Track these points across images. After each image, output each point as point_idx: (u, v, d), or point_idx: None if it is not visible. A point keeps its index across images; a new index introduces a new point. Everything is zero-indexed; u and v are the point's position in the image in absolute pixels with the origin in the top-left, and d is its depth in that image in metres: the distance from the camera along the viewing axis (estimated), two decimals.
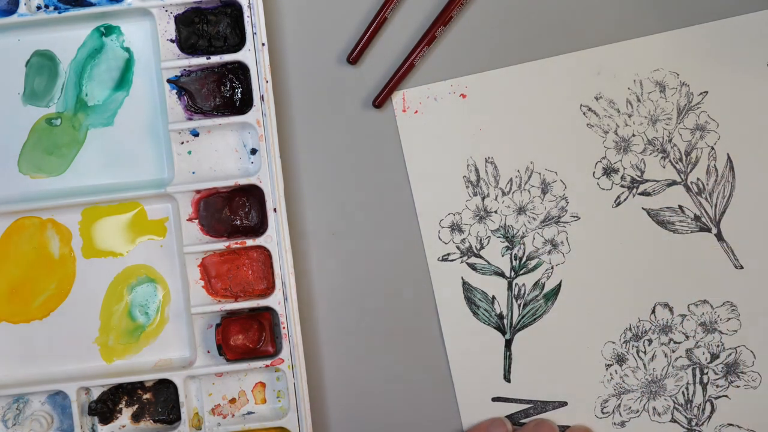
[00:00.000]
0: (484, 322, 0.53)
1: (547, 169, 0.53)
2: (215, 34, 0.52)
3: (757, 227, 0.53)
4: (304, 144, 0.53)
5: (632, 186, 0.53)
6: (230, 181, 0.51)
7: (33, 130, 0.53)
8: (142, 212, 0.53)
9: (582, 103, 0.53)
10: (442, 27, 0.52)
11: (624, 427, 0.52)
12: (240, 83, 0.52)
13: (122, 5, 0.52)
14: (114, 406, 0.52)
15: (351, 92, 0.53)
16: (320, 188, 0.53)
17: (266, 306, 0.51)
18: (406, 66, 0.53)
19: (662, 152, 0.53)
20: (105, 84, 0.53)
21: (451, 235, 0.53)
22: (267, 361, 0.51)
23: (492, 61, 0.53)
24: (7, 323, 0.53)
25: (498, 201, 0.53)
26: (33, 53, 0.53)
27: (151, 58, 0.53)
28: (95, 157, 0.53)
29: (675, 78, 0.53)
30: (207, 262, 0.52)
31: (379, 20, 0.53)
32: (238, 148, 0.52)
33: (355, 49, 0.53)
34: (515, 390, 0.53)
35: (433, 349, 0.53)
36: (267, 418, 0.52)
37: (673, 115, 0.53)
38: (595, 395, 0.52)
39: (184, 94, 0.52)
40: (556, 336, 0.53)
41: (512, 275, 0.53)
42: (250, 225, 0.52)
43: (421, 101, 0.53)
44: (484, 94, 0.53)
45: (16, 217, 0.53)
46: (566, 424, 0.52)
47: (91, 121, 0.53)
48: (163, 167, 0.53)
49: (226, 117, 0.51)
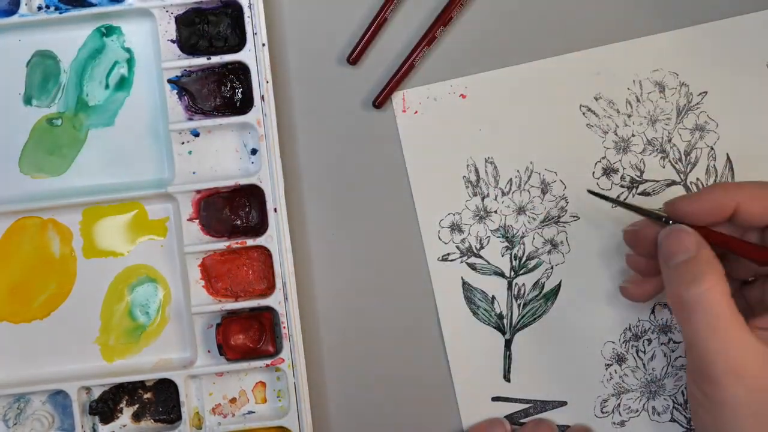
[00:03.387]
0: (484, 322, 0.53)
1: (546, 169, 0.53)
2: (216, 35, 0.52)
3: None
4: (304, 144, 0.53)
5: (632, 186, 0.53)
6: (231, 181, 0.51)
7: (34, 130, 0.53)
8: (142, 212, 0.53)
9: (582, 104, 0.53)
10: (442, 27, 0.52)
11: (624, 426, 0.52)
12: (240, 83, 0.52)
13: (123, 5, 0.52)
14: (115, 405, 0.53)
15: (351, 92, 0.53)
16: (320, 188, 0.53)
17: (266, 306, 0.51)
18: (406, 66, 0.53)
19: (662, 152, 0.53)
20: (105, 84, 0.53)
21: (451, 235, 0.53)
22: (267, 361, 0.51)
23: (492, 61, 0.53)
24: (7, 323, 0.53)
25: (498, 201, 0.53)
26: (34, 53, 0.53)
27: (152, 58, 0.53)
28: (96, 157, 0.53)
29: (674, 78, 0.53)
30: (207, 261, 0.52)
31: (379, 20, 0.53)
32: (239, 148, 0.52)
33: (355, 50, 0.53)
34: (515, 390, 0.53)
35: (433, 349, 0.53)
36: (267, 417, 0.52)
37: (673, 116, 0.53)
38: (595, 395, 0.53)
39: (184, 94, 0.52)
40: (556, 336, 0.53)
41: (512, 275, 0.53)
42: (250, 225, 0.52)
43: (421, 101, 0.53)
44: (483, 94, 0.53)
45: (17, 217, 0.53)
46: (566, 424, 0.52)
47: (91, 121, 0.53)
48: (163, 167, 0.53)
49: (226, 117, 0.52)
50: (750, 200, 0.44)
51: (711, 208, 0.44)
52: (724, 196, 0.44)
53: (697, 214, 0.44)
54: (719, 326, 0.42)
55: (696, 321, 0.43)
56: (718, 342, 0.42)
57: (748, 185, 0.44)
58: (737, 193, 0.44)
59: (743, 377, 0.42)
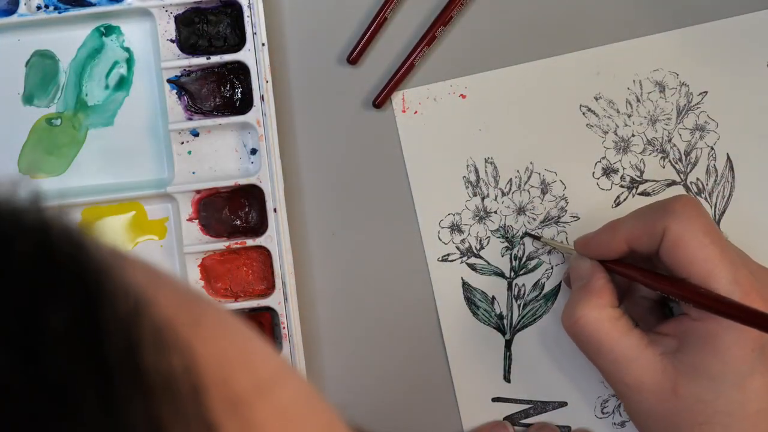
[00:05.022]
0: (484, 322, 0.53)
1: (546, 169, 0.53)
2: (215, 34, 0.52)
3: (756, 227, 0.53)
4: (304, 144, 0.53)
5: (632, 186, 0.53)
6: (230, 181, 0.51)
7: (33, 130, 0.53)
8: (142, 212, 0.53)
9: (581, 104, 0.53)
10: (442, 27, 0.52)
11: (624, 427, 0.52)
12: (240, 83, 0.52)
13: (122, 5, 0.52)
14: None
15: (351, 92, 0.53)
16: (320, 188, 0.53)
17: (266, 306, 0.51)
18: (406, 66, 0.53)
19: (662, 152, 0.53)
20: (105, 84, 0.53)
21: (450, 235, 0.53)
22: None
23: (492, 61, 0.53)
24: None
25: (498, 201, 0.53)
26: (33, 53, 0.53)
27: (151, 58, 0.53)
28: (95, 157, 0.53)
29: (674, 78, 0.53)
30: (207, 262, 0.52)
31: (379, 20, 0.53)
32: (238, 148, 0.52)
33: (355, 49, 0.53)
34: (515, 390, 0.53)
35: (433, 349, 0.53)
36: None
37: (673, 116, 0.53)
38: (595, 395, 0.52)
39: (184, 94, 0.52)
40: (556, 336, 0.52)
41: (512, 275, 0.53)
42: (250, 225, 0.52)
43: (420, 101, 0.53)
44: (483, 94, 0.53)
45: None
46: (566, 425, 0.52)
47: (91, 121, 0.53)
48: (163, 167, 0.53)
49: (226, 117, 0.51)
50: (634, 236, 0.45)
51: (602, 247, 0.47)
52: (610, 237, 0.46)
53: (594, 253, 0.47)
54: (602, 348, 0.45)
55: (582, 343, 0.46)
56: (607, 363, 0.45)
57: (628, 220, 0.46)
58: (620, 231, 0.46)
59: (641, 391, 0.44)
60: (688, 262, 0.43)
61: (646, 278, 0.45)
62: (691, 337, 0.44)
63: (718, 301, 0.42)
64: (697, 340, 0.43)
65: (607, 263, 0.47)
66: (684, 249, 0.43)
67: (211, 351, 0.20)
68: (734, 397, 0.43)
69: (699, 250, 0.43)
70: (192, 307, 0.21)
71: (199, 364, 0.19)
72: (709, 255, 0.43)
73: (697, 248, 0.43)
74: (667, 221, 0.43)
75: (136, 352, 0.18)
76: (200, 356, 0.19)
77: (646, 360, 0.44)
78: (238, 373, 0.20)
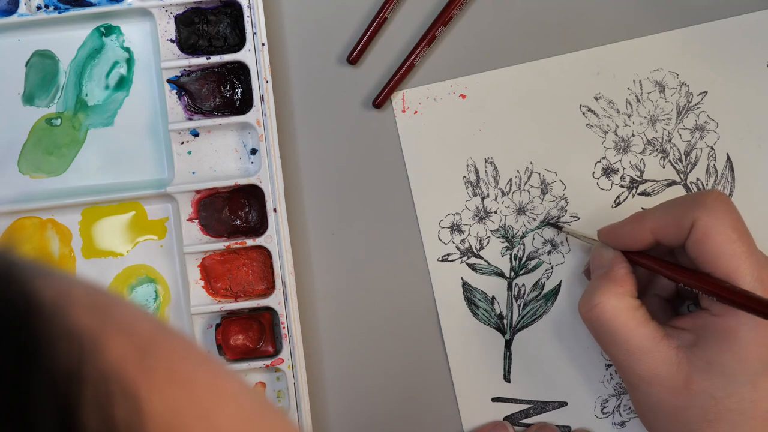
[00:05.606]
0: (484, 322, 0.53)
1: (546, 169, 0.53)
2: (215, 34, 0.52)
3: (756, 227, 0.52)
4: (304, 144, 0.53)
5: (632, 186, 0.53)
6: (230, 181, 0.51)
7: (33, 130, 0.53)
8: (142, 212, 0.53)
9: (581, 104, 0.53)
10: (442, 27, 0.52)
11: (624, 427, 0.52)
12: (240, 83, 0.52)
13: (122, 5, 0.52)
14: None
15: (351, 92, 0.53)
16: (320, 188, 0.53)
17: (266, 306, 0.51)
18: (406, 66, 0.52)
19: (662, 152, 0.53)
20: (105, 84, 0.53)
21: (450, 235, 0.53)
22: (267, 361, 0.51)
23: (492, 61, 0.53)
24: None
25: (498, 201, 0.53)
26: (33, 53, 0.53)
27: (151, 58, 0.53)
28: (95, 157, 0.53)
29: (674, 78, 0.53)
30: (207, 262, 0.52)
31: (379, 20, 0.53)
32: (238, 148, 0.52)
33: (355, 49, 0.53)
34: (515, 390, 0.53)
35: (433, 349, 0.53)
36: None
37: (673, 115, 0.53)
38: (595, 395, 0.52)
39: (184, 94, 0.52)
40: (556, 336, 0.52)
41: (512, 275, 0.53)
42: (250, 225, 0.52)
43: (420, 101, 0.53)
44: (483, 94, 0.53)
45: (16, 217, 0.53)
46: (567, 425, 0.52)
47: (91, 121, 0.53)
48: (163, 167, 0.53)
49: (226, 117, 0.51)
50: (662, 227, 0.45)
51: (627, 237, 0.46)
52: (636, 228, 0.46)
53: (618, 243, 0.47)
54: (618, 338, 0.44)
55: (597, 331, 0.46)
56: (621, 352, 0.45)
57: (656, 211, 0.46)
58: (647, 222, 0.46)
59: (652, 383, 0.44)
60: (714, 256, 0.43)
61: (669, 271, 0.45)
62: (708, 332, 0.43)
63: (744, 295, 0.42)
64: (714, 336, 0.43)
65: (630, 254, 0.46)
66: (711, 243, 0.43)
67: (163, 400, 0.18)
68: (746, 396, 0.42)
69: (726, 245, 0.42)
70: (148, 348, 0.19)
71: (147, 415, 0.17)
72: (736, 251, 0.42)
73: (725, 243, 0.43)
74: (697, 213, 0.43)
75: (74, 412, 0.16)
76: (149, 407, 0.17)
77: (660, 352, 0.44)
78: (191, 426, 0.18)
